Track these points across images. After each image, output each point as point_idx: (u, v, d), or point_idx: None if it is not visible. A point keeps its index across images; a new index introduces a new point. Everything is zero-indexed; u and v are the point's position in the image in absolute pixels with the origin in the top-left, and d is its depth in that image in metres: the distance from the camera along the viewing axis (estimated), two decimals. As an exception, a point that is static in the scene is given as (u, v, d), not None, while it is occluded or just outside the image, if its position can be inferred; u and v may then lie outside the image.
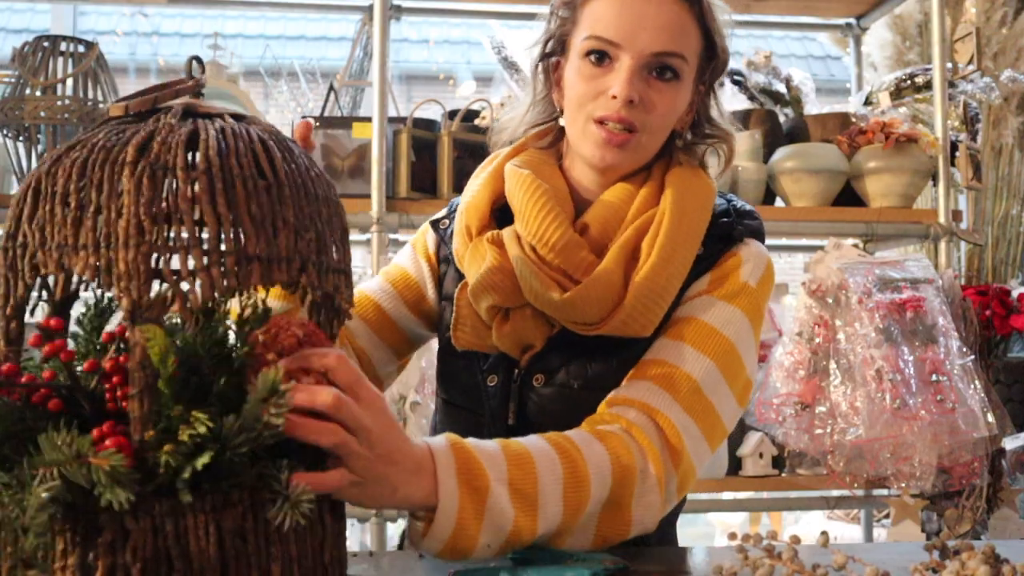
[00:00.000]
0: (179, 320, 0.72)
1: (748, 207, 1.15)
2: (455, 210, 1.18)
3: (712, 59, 1.08)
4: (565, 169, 1.14)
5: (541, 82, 1.14)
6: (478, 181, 1.16)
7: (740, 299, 1.06)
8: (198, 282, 0.64)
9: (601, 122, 1.04)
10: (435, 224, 1.22)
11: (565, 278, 1.03)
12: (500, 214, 1.13)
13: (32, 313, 0.72)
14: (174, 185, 0.66)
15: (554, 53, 1.12)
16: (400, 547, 1.23)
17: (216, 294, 0.64)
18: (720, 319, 1.04)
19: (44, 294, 0.72)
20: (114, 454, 0.60)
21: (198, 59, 0.78)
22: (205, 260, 0.64)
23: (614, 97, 1.02)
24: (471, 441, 0.88)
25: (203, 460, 0.61)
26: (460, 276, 1.13)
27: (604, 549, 0.95)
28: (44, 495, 0.60)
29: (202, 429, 0.61)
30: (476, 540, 0.85)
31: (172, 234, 0.65)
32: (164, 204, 0.65)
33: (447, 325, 1.13)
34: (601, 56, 1.04)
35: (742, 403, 1.06)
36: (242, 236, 0.67)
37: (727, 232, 1.09)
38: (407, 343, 1.23)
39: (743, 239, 1.10)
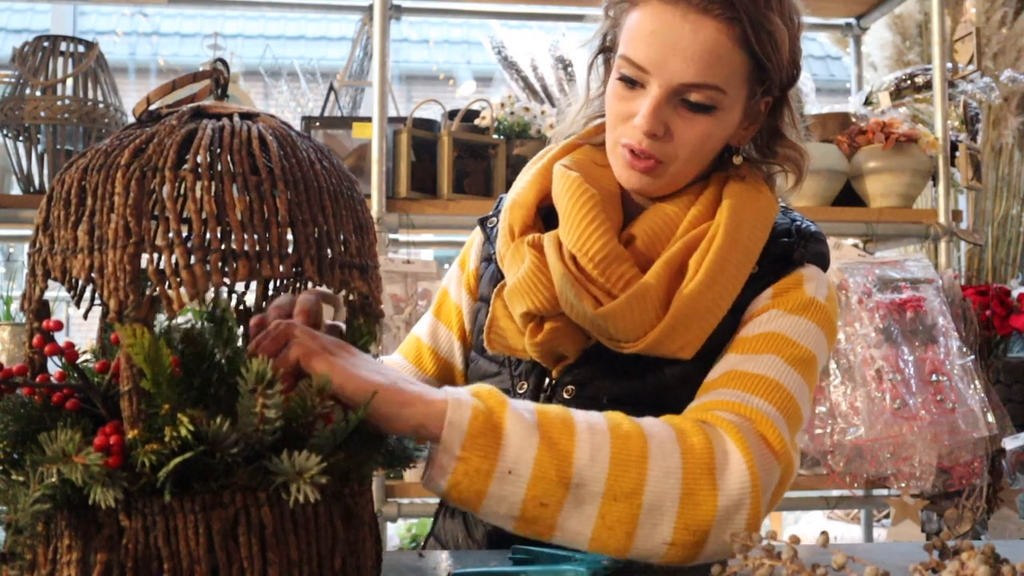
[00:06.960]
0: (192, 320, 0.72)
1: (813, 228, 1.08)
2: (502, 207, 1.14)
3: (765, 80, 1.00)
4: None
5: (598, 78, 1.10)
6: (526, 177, 1.11)
7: (811, 312, 0.99)
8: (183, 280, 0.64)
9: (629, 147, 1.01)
10: (483, 222, 1.18)
11: (603, 292, 0.98)
12: (547, 213, 1.08)
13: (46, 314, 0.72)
14: (163, 185, 0.66)
15: (608, 50, 1.07)
16: (423, 546, 1.19)
17: (201, 292, 0.64)
18: (795, 331, 0.98)
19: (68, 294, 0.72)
20: (91, 453, 0.60)
21: (222, 61, 0.78)
22: (191, 258, 0.64)
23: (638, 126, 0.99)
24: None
25: (177, 460, 0.61)
26: (500, 276, 1.09)
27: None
28: (37, 493, 0.60)
29: (184, 431, 0.61)
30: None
31: (160, 234, 0.64)
32: (152, 204, 0.66)
33: (480, 327, 1.10)
34: (632, 81, 0.99)
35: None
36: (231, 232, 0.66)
37: (786, 253, 1.03)
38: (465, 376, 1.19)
39: (803, 263, 1.04)
